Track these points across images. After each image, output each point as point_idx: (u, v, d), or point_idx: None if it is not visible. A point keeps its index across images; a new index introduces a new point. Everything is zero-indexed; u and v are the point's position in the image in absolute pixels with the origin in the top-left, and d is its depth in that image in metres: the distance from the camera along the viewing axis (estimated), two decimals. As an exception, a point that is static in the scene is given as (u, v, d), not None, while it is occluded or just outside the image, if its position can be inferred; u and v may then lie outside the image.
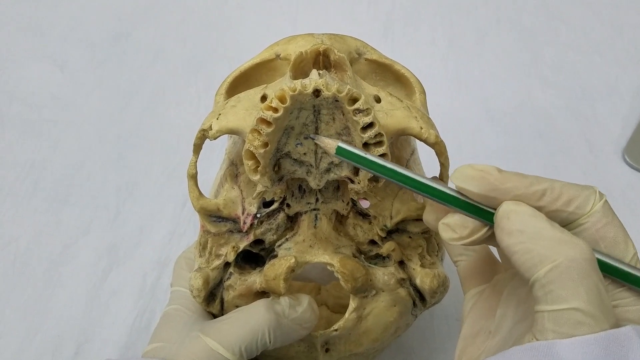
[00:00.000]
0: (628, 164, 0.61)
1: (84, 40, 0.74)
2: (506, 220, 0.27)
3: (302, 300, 0.37)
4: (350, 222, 0.38)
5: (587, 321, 0.25)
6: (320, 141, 0.32)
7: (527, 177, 0.28)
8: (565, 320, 0.25)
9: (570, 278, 0.25)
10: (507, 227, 0.27)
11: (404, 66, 0.39)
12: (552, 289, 0.25)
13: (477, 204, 0.29)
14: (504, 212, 0.27)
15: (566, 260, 0.25)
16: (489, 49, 0.75)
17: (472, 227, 0.29)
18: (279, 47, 0.38)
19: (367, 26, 0.77)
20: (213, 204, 0.37)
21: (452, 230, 0.29)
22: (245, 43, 0.75)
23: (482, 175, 0.28)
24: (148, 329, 0.49)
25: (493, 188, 0.28)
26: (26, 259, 0.53)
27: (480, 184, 0.28)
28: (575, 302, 0.25)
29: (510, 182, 0.28)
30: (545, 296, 0.26)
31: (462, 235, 0.29)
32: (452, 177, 0.29)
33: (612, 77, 0.71)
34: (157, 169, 0.60)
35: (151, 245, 0.54)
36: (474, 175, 0.28)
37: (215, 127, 0.35)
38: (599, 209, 0.28)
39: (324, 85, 0.31)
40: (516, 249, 0.27)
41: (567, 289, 0.25)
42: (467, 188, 0.28)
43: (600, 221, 0.28)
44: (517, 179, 0.28)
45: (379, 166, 0.30)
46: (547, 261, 0.26)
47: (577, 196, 0.28)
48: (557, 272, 0.25)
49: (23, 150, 0.61)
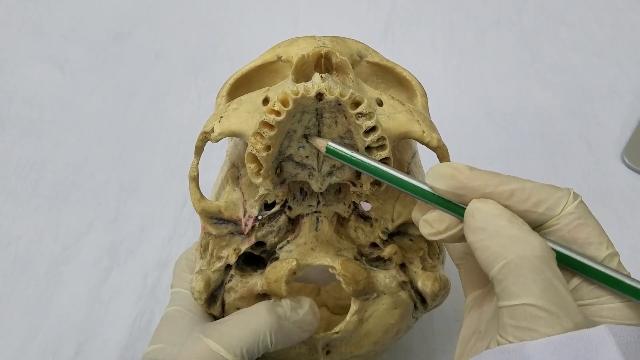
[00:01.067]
0: (627, 165, 0.61)
1: (84, 40, 0.74)
2: (471, 217, 0.28)
3: (303, 302, 0.37)
4: (351, 224, 0.38)
5: (542, 315, 0.25)
6: (313, 141, 0.33)
7: (498, 176, 0.29)
8: (520, 316, 0.26)
9: (521, 274, 0.26)
10: (471, 224, 0.28)
11: (406, 69, 0.39)
12: (506, 286, 0.26)
13: (453, 201, 0.29)
14: (470, 209, 0.28)
15: (517, 257, 0.26)
16: (488, 49, 0.75)
17: (448, 223, 0.30)
18: (280, 49, 0.38)
19: (367, 27, 0.77)
20: (214, 206, 0.37)
21: (429, 225, 0.30)
22: (245, 43, 0.75)
23: (452, 173, 0.29)
24: (148, 329, 0.49)
25: (461, 186, 0.29)
26: (27, 259, 0.53)
27: (449, 182, 0.29)
28: (529, 298, 0.26)
29: (478, 181, 0.28)
30: (502, 292, 0.27)
31: (439, 229, 0.30)
32: (426, 177, 0.30)
33: (612, 78, 0.71)
34: (158, 169, 0.60)
35: (152, 245, 0.54)
36: (445, 173, 0.29)
37: (217, 130, 0.35)
38: (571, 211, 0.28)
39: (327, 88, 0.31)
40: (477, 246, 0.28)
41: (519, 285, 0.26)
42: (437, 186, 0.29)
43: (572, 223, 0.28)
44: (487, 177, 0.29)
45: (364, 164, 0.32)
46: (500, 258, 0.27)
47: (548, 198, 0.28)
48: (508, 268, 0.26)
49: (24, 150, 0.61)
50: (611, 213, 0.57)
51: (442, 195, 0.29)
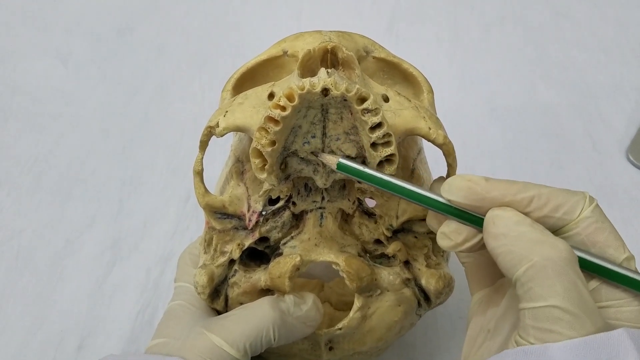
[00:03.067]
0: (632, 162, 0.61)
1: (88, 34, 0.74)
2: (492, 224, 0.28)
3: (307, 298, 0.37)
4: (355, 221, 0.38)
5: (565, 318, 0.26)
6: (322, 157, 0.33)
7: (515, 184, 0.29)
8: (544, 317, 0.26)
9: (546, 276, 0.26)
10: (493, 231, 0.28)
11: (412, 65, 0.38)
12: (530, 287, 0.26)
13: (469, 212, 0.30)
14: (490, 217, 0.29)
15: (542, 259, 0.26)
16: (493, 46, 0.74)
17: (466, 234, 0.30)
18: (286, 44, 0.38)
19: (372, 22, 0.77)
20: (219, 200, 0.37)
21: (447, 237, 0.31)
22: (249, 38, 0.75)
23: (469, 186, 0.29)
24: (151, 323, 0.49)
25: (480, 198, 0.29)
26: (30, 253, 0.53)
27: (468, 195, 0.29)
28: (553, 300, 0.26)
29: (496, 191, 0.29)
30: (525, 294, 0.27)
31: (457, 242, 0.30)
32: (441, 189, 0.30)
33: (617, 75, 0.70)
34: (161, 164, 0.60)
35: (155, 239, 0.54)
36: (461, 186, 0.29)
37: (222, 124, 0.34)
38: (588, 215, 0.28)
39: (333, 84, 0.30)
40: (500, 251, 0.28)
41: (544, 286, 0.26)
42: (456, 199, 0.29)
43: (590, 226, 0.28)
44: (504, 186, 0.29)
45: (379, 179, 0.32)
46: (524, 260, 0.27)
47: (565, 202, 0.29)
48: (534, 270, 0.26)
49: (27, 144, 0.61)
50: (615, 210, 0.57)
51: (463, 207, 0.30)
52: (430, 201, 0.31)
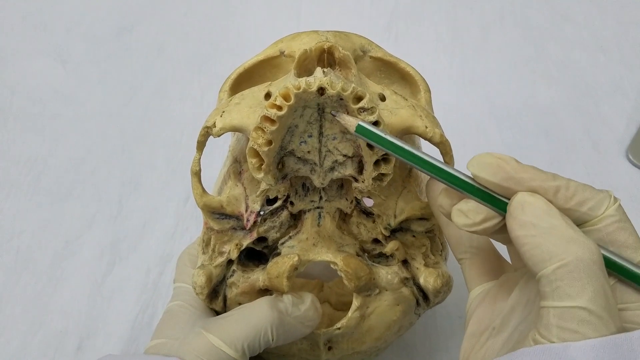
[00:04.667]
0: (631, 162, 0.61)
1: (87, 34, 0.74)
2: (520, 210, 0.27)
3: (305, 298, 0.37)
4: (353, 220, 0.38)
5: (592, 320, 0.25)
6: (341, 118, 0.31)
7: (544, 172, 0.28)
8: (570, 318, 0.25)
9: (578, 277, 0.26)
10: (520, 218, 0.27)
11: (409, 64, 0.38)
12: (559, 286, 0.26)
13: (492, 192, 0.28)
14: (518, 202, 0.27)
15: (575, 259, 0.26)
16: (493, 45, 0.74)
17: (485, 214, 0.29)
18: (283, 44, 0.38)
19: (371, 21, 0.77)
20: (216, 201, 0.37)
21: (465, 215, 0.29)
22: (248, 37, 0.75)
23: (498, 164, 0.28)
24: (151, 324, 0.49)
25: (509, 177, 0.28)
26: (29, 254, 0.53)
27: (496, 172, 0.28)
28: (582, 301, 0.25)
29: (525, 173, 0.28)
30: (552, 293, 0.26)
31: (476, 220, 0.29)
32: (468, 164, 0.29)
33: (617, 75, 0.70)
34: (161, 164, 0.60)
35: (154, 240, 0.54)
36: (491, 162, 0.28)
37: (218, 125, 0.34)
38: (612, 213, 0.28)
39: (329, 83, 0.30)
40: (526, 241, 0.27)
41: (575, 287, 0.25)
42: (483, 175, 0.28)
43: (613, 225, 0.28)
44: (534, 171, 0.28)
45: (397, 147, 0.30)
46: (556, 258, 0.26)
47: (591, 198, 0.28)
48: (566, 270, 0.26)
49: (26, 144, 0.61)
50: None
51: (487, 185, 0.28)
52: (450, 176, 0.29)
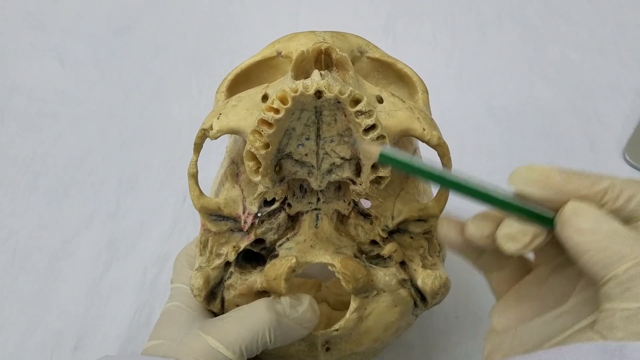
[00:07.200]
0: (628, 162, 0.61)
1: (85, 34, 0.74)
2: (576, 219, 0.26)
3: (303, 300, 0.37)
4: (351, 222, 0.38)
5: None
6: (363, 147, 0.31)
7: (587, 176, 0.27)
8: (638, 319, 0.25)
9: None
10: (578, 226, 0.26)
11: (407, 65, 0.38)
12: (630, 287, 0.25)
13: (535, 208, 0.27)
14: (571, 211, 0.27)
15: None
16: (491, 46, 0.74)
17: (533, 233, 0.28)
18: (280, 45, 0.38)
19: (369, 22, 0.77)
20: (214, 203, 0.37)
21: (513, 240, 0.28)
22: (246, 37, 0.75)
23: (544, 178, 0.27)
24: (148, 324, 0.49)
25: (558, 190, 0.27)
26: (26, 253, 0.53)
27: (545, 187, 0.27)
28: None
29: (573, 184, 0.27)
30: (622, 294, 0.25)
31: (525, 243, 0.28)
32: (511, 181, 0.27)
33: (615, 76, 0.70)
34: (158, 164, 0.60)
35: (151, 240, 0.54)
36: (536, 178, 0.27)
37: (216, 127, 0.34)
38: None
39: (326, 86, 0.30)
40: (590, 247, 0.26)
41: None
42: (531, 192, 0.27)
43: None
44: (579, 179, 0.27)
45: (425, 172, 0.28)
46: (627, 258, 0.25)
47: (637, 193, 0.27)
48: (638, 269, 0.25)
49: (24, 144, 0.61)
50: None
51: (533, 200, 0.27)
52: (488, 196, 0.27)
